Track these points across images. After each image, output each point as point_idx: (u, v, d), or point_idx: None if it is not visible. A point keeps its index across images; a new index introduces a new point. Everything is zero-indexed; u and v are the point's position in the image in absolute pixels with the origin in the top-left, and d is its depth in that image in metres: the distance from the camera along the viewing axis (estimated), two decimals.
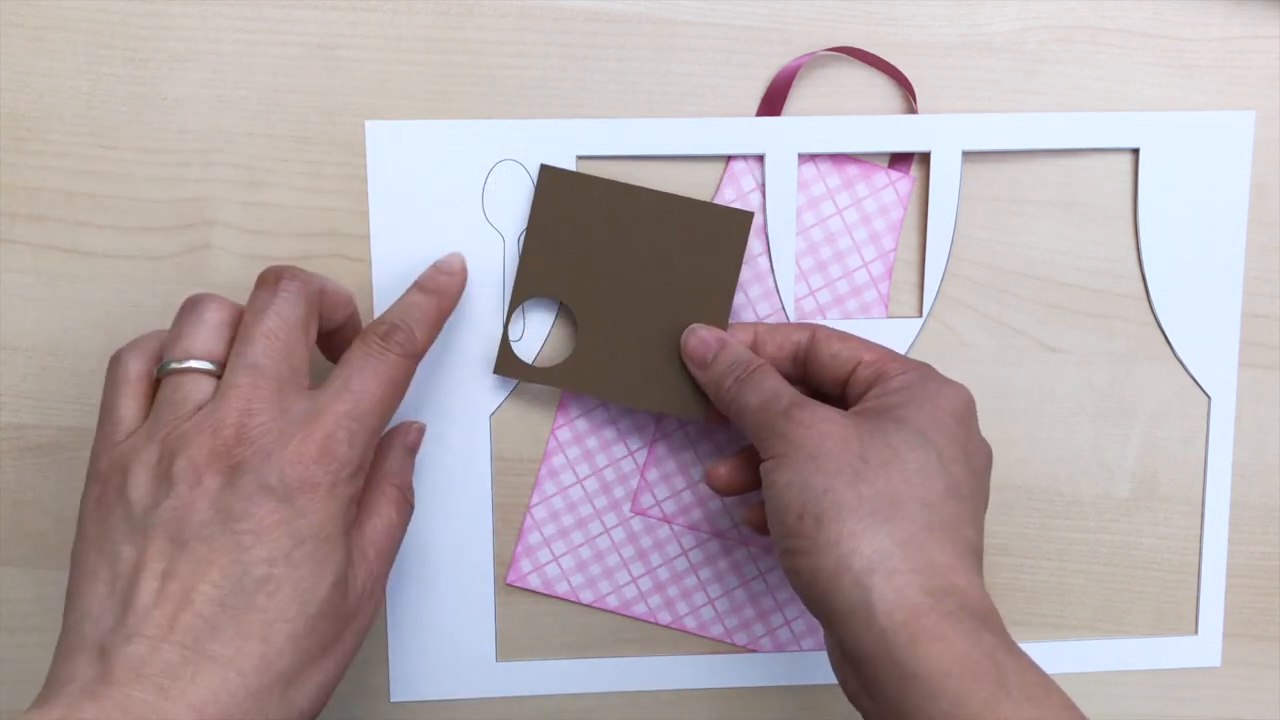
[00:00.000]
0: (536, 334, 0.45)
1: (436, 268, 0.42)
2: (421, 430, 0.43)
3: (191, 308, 0.37)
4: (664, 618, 0.47)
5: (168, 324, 0.45)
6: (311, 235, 0.44)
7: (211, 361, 0.36)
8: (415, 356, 0.39)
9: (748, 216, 0.43)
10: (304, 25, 0.43)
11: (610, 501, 0.47)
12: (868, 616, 0.34)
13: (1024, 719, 0.32)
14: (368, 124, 0.44)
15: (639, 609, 0.47)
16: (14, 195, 0.44)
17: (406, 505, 0.40)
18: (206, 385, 0.36)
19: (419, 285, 0.42)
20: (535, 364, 0.45)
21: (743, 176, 0.45)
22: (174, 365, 0.36)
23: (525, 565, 0.47)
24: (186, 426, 0.35)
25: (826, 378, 0.42)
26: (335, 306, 0.39)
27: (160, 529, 0.34)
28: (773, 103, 0.45)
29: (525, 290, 0.44)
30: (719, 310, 0.43)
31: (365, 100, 0.44)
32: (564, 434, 0.46)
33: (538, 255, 0.43)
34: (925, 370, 0.41)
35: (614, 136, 0.44)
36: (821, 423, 0.38)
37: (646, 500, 0.47)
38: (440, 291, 0.41)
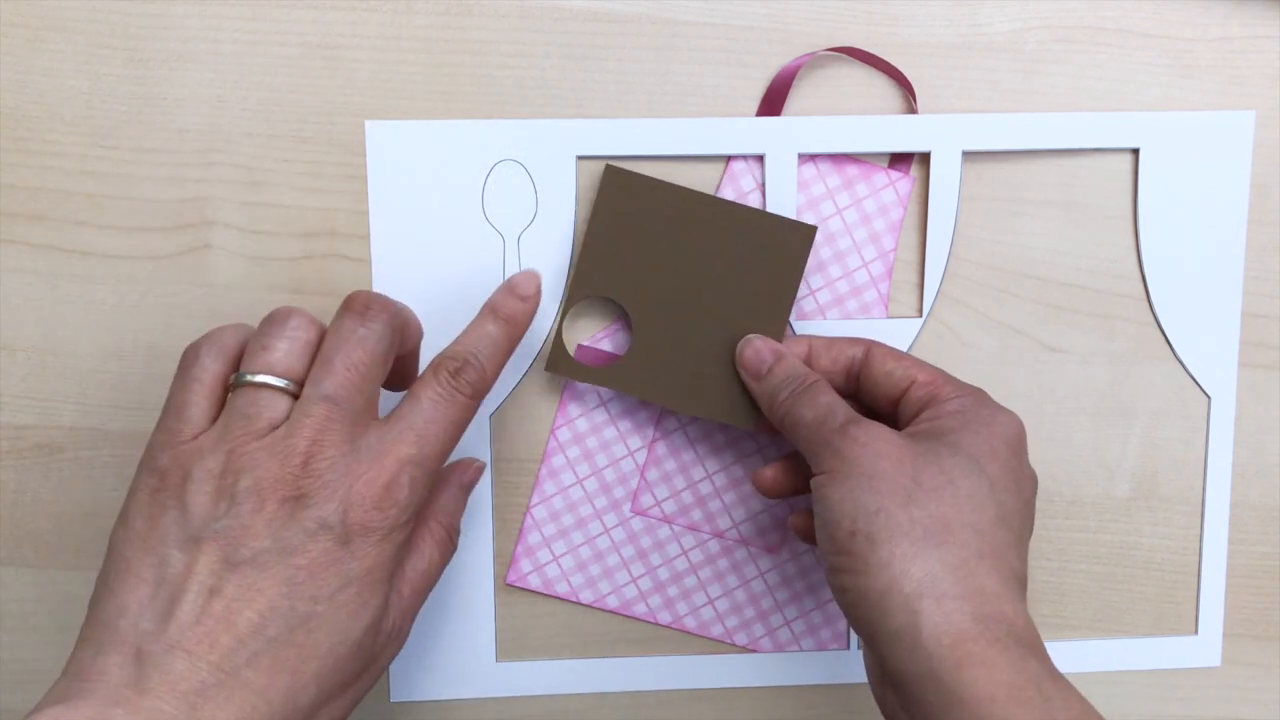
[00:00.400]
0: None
1: (511, 291, 0.40)
2: (480, 470, 0.43)
3: (280, 321, 0.37)
4: (664, 618, 0.47)
5: (166, 324, 0.45)
6: (311, 235, 0.44)
7: (291, 380, 0.36)
8: (483, 395, 0.38)
9: (811, 230, 0.43)
10: (304, 25, 0.43)
11: (610, 501, 0.47)
12: (914, 639, 0.34)
13: None
14: (368, 124, 0.44)
15: (639, 609, 0.47)
16: (14, 195, 0.44)
17: (450, 546, 0.40)
18: (282, 404, 0.35)
19: (493, 311, 0.40)
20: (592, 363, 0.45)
21: (743, 176, 0.45)
22: (252, 378, 0.36)
23: (525, 565, 0.47)
24: (256, 446, 0.34)
25: (879, 395, 0.42)
26: (410, 338, 0.39)
27: (214, 544, 0.34)
28: (773, 103, 0.45)
29: (582, 289, 0.44)
30: (776, 322, 0.43)
31: (365, 100, 0.44)
32: (564, 434, 0.46)
33: (596, 255, 0.43)
34: (979, 395, 0.41)
35: (614, 136, 0.44)
36: (876, 441, 0.38)
37: (646, 500, 0.47)
38: (513, 320, 0.40)
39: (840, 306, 0.46)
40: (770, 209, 0.45)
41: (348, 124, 0.44)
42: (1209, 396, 0.48)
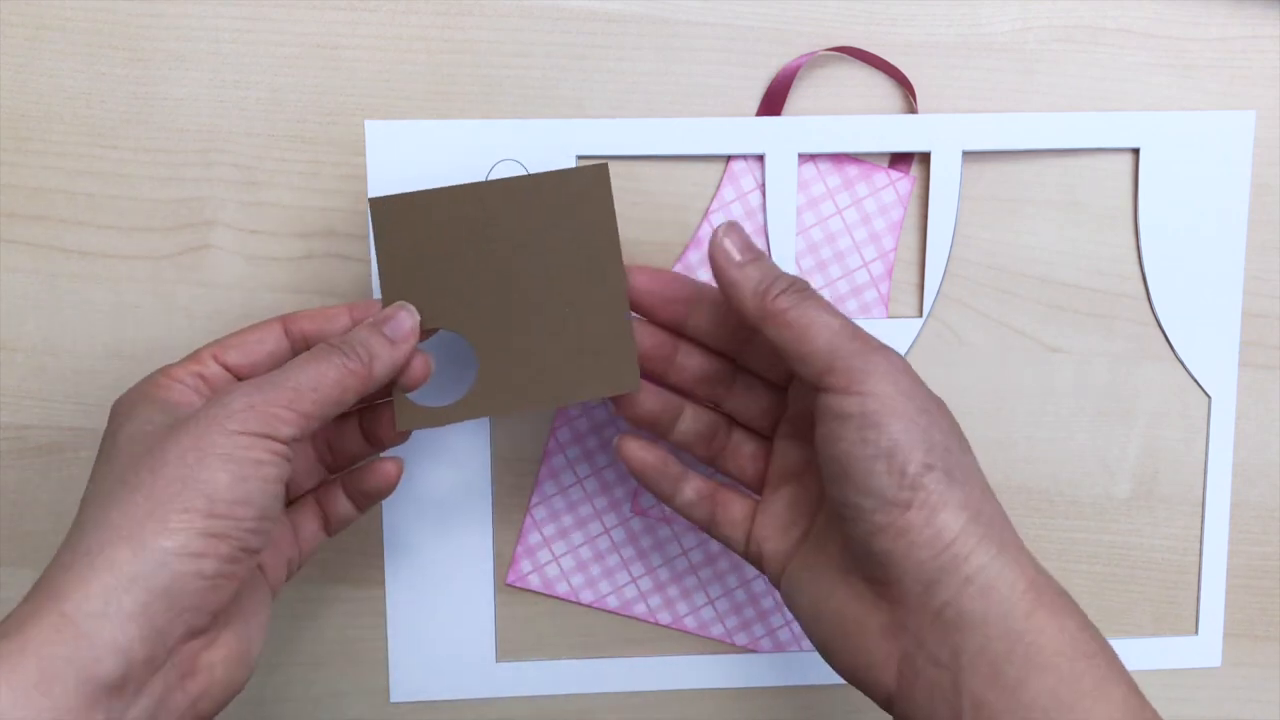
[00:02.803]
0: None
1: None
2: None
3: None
4: (664, 618, 0.47)
5: (166, 324, 0.45)
6: (311, 235, 0.44)
7: None
8: None
9: (603, 169, 0.39)
10: (304, 25, 0.43)
11: (610, 501, 0.47)
12: (988, 583, 0.33)
13: (1134, 704, 0.33)
14: (368, 124, 0.44)
15: (639, 609, 0.47)
16: (14, 195, 0.44)
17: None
18: None
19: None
20: (442, 401, 0.40)
21: (743, 176, 0.45)
22: None
23: (525, 565, 0.47)
24: None
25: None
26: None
27: None
28: (773, 103, 0.45)
29: None
30: (613, 271, 0.40)
31: (365, 100, 0.44)
32: (564, 434, 0.46)
33: (400, 293, 0.39)
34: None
35: (614, 136, 0.44)
36: (906, 371, 0.36)
37: (646, 500, 0.47)
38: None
39: (840, 306, 0.46)
40: (770, 209, 0.45)
41: (348, 124, 0.44)
42: (1209, 396, 0.48)
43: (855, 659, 0.36)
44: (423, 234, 0.39)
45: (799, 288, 0.37)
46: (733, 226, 0.38)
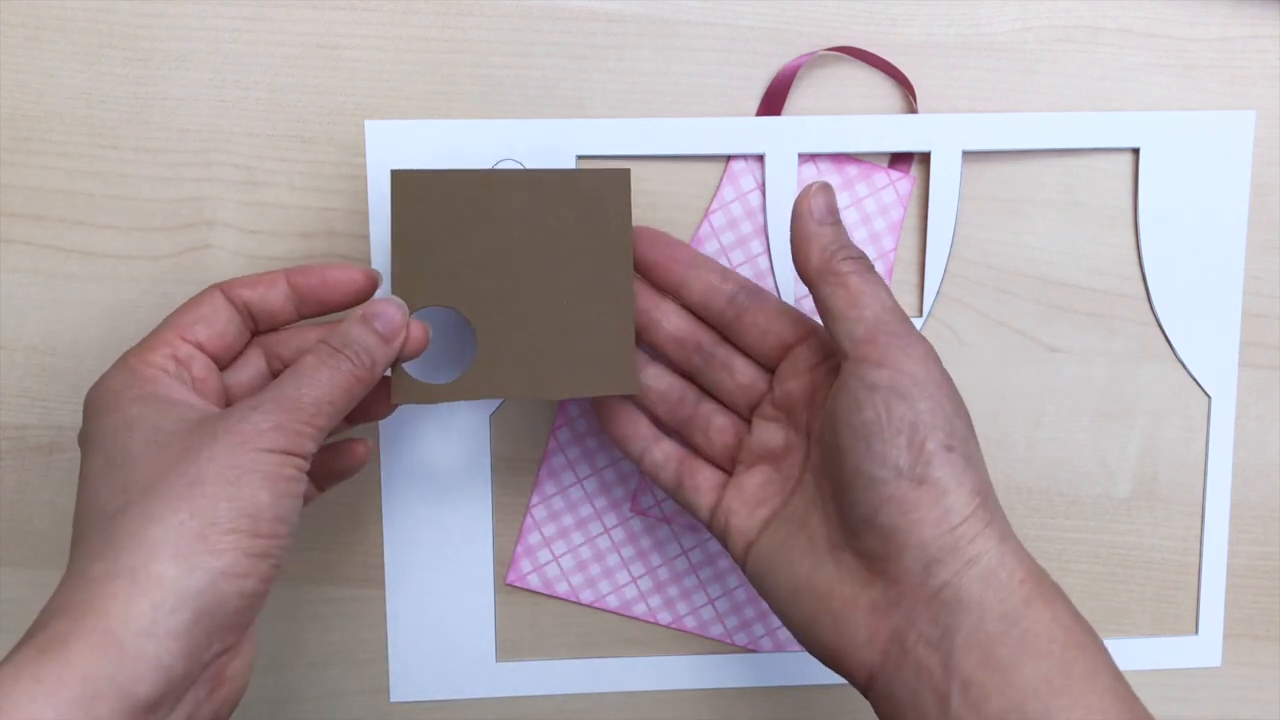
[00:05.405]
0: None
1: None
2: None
3: None
4: (664, 618, 0.47)
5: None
6: (311, 235, 0.44)
7: None
8: None
9: (625, 174, 0.40)
10: (304, 25, 0.43)
11: (610, 501, 0.47)
12: (989, 568, 0.34)
13: (1120, 690, 0.34)
14: (368, 124, 0.44)
15: (639, 609, 0.47)
16: (14, 195, 0.44)
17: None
18: None
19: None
20: (438, 380, 0.40)
21: (743, 176, 0.45)
22: None
23: (525, 565, 0.47)
24: None
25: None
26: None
27: None
28: (773, 103, 0.45)
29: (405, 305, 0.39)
30: (621, 276, 0.40)
31: (365, 100, 0.44)
32: (564, 434, 0.46)
33: (411, 267, 0.40)
34: None
35: (614, 136, 0.44)
36: (939, 362, 0.37)
37: (646, 500, 0.47)
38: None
39: None
40: (770, 209, 0.45)
41: (348, 124, 0.44)
42: (1209, 396, 0.48)
43: (838, 638, 0.36)
44: (440, 211, 0.39)
45: (864, 261, 0.38)
46: (824, 188, 0.39)
